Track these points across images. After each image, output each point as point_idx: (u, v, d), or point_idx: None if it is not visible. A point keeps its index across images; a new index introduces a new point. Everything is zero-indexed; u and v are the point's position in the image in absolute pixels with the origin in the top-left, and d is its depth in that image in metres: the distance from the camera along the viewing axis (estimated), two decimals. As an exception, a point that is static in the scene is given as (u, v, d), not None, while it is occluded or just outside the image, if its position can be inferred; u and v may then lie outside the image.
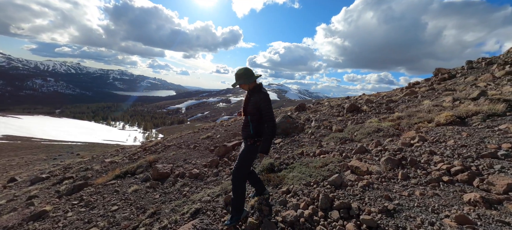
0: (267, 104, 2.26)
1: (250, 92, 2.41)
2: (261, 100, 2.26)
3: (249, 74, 2.35)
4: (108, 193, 4.37)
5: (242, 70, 2.37)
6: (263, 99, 2.27)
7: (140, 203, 3.71)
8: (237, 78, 2.38)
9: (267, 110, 2.26)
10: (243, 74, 2.35)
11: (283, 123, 6.20)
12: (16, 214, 4.28)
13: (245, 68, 2.40)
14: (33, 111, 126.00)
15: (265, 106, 2.25)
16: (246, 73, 2.35)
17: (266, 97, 2.29)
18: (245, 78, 2.34)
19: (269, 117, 2.25)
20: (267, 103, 2.27)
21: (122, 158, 7.55)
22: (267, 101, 2.27)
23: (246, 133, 2.43)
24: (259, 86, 2.38)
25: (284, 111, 9.01)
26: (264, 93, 2.32)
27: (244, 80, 2.35)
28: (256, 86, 2.39)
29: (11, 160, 17.69)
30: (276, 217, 2.46)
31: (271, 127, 2.25)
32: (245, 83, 2.37)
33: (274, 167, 4.04)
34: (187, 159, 5.58)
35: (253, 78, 2.36)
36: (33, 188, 6.70)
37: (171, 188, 4.11)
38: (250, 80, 2.35)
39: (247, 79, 2.35)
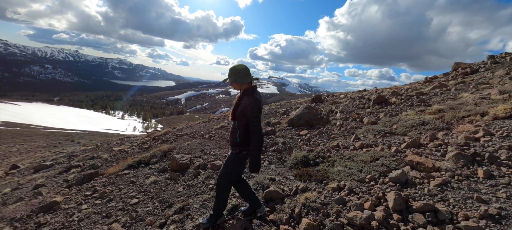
0: (254, 113, 1.93)
1: (242, 93, 2.09)
2: (249, 106, 1.94)
3: (243, 73, 2.03)
4: (124, 184, 3.99)
5: (237, 67, 2.05)
6: (251, 105, 1.94)
7: (163, 196, 3.33)
8: (230, 74, 2.06)
9: (253, 120, 1.94)
10: (236, 71, 2.03)
11: (306, 114, 5.79)
12: (23, 204, 3.90)
13: (242, 65, 2.07)
14: (32, 98, 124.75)
15: (252, 114, 1.93)
16: (241, 71, 2.03)
17: (255, 104, 1.96)
18: (238, 76, 2.02)
19: (255, 127, 1.95)
20: (254, 111, 1.94)
21: (131, 147, 7.16)
22: (255, 109, 1.94)
23: (232, 140, 2.16)
24: (251, 89, 2.06)
25: (304, 102, 8.58)
26: (255, 99, 1.98)
27: (236, 78, 2.03)
28: (248, 89, 2.06)
29: (11, 146, 17.29)
30: (340, 219, 2.08)
31: (257, 140, 1.96)
32: (236, 82, 2.04)
33: (309, 160, 3.66)
34: (204, 150, 5.19)
35: (247, 79, 2.03)
36: (38, 176, 6.32)
37: (194, 180, 3.73)
38: (243, 79, 2.03)
39: (239, 78, 2.02)
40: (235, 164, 2.16)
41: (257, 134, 1.95)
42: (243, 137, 2.06)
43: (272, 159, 4.10)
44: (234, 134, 2.13)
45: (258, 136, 1.95)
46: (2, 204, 4.12)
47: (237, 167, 2.19)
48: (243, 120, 2.02)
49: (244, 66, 2.07)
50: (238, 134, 2.07)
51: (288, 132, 5.35)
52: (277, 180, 3.16)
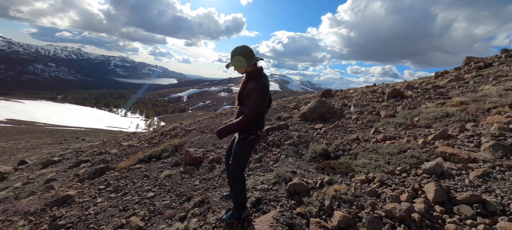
0: (256, 96, 1.81)
1: (247, 77, 1.97)
2: (253, 89, 1.82)
3: (247, 55, 1.89)
4: (137, 178, 3.90)
5: (239, 48, 1.90)
6: (255, 89, 1.82)
7: (179, 190, 3.23)
8: (232, 57, 1.91)
9: (252, 102, 1.82)
10: (240, 54, 1.87)
11: (319, 108, 5.65)
12: (36, 198, 3.83)
13: (243, 46, 1.92)
14: (36, 96, 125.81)
15: (253, 96, 1.82)
16: (244, 52, 1.88)
17: (260, 88, 1.83)
18: (242, 60, 1.87)
19: (250, 109, 1.82)
20: (257, 94, 1.81)
21: (140, 142, 7.09)
22: (258, 93, 1.81)
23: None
24: (258, 71, 1.93)
25: (313, 97, 8.43)
26: (260, 83, 1.85)
27: (239, 63, 1.88)
28: (254, 71, 1.93)
29: (17, 143, 17.41)
30: (377, 211, 1.96)
31: (244, 122, 1.84)
32: (241, 66, 1.90)
33: (329, 153, 3.53)
34: (216, 144, 5.08)
35: (252, 60, 1.89)
36: (47, 171, 6.28)
37: (210, 174, 3.63)
38: (248, 62, 1.88)
39: (243, 61, 1.88)
40: (243, 149, 2.04)
41: (248, 117, 1.83)
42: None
43: (288, 152, 3.98)
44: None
45: (248, 118, 1.83)
46: (15, 198, 4.06)
47: (246, 152, 2.07)
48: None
49: (246, 47, 1.91)
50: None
51: (302, 126, 5.22)
52: (299, 173, 3.05)
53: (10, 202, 3.92)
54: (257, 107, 1.83)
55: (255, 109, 1.83)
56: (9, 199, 4.05)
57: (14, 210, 3.49)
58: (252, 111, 1.82)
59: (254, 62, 1.91)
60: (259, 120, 1.97)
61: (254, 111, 1.83)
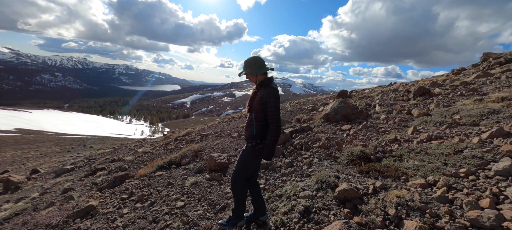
0: (274, 102, 1.90)
1: (258, 85, 2.05)
2: (269, 95, 1.91)
3: (259, 64, 2.01)
4: (161, 186, 3.69)
5: (252, 58, 2.03)
6: (271, 94, 1.91)
7: (210, 198, 3.00)
8: (245, 66, 2.05)
9: (273, 109, 1.90)
10: (252, 62, 2.01)
11: (342, 109, 5.41)
12: (56, 209, 3.64)
13: (256, 56, 2.06)
14: (43, 105, 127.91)
15: (271, 103, 1.90)
16: (256, 62, 2.00)
17: (274, 93, 1.93)
18: (254, 68, 2.00)
19: (274, 117, 1.91)
20: (274, 100, 1.91)
21: (154, 148, 6.91)
22: (274, 98, 1.91)
23: (248, 133, 2.10)
24: (269, 80, 2.02)
25: (328, 98, 8.18)
26: (273, 89, 1.95)
27: (252, 69, 2.00)
28: (265, 80, 2.02)
29: (26, 152, 17.46)
30: (458, 220, 1.70)
31: (275, 129, 1.92)
32: (253, 74, 2.01)
33: (369, 156, 3.28)
34: (238, 148, 4.86)
35: (263, 69, 2.01)
36: (62, 179, 6.12)
37: (239, 180, 3.40)
38: (259, 70, 2.00)
39: (255, 69, 1.99)
40: (251, 158, 2.06)
41: (276, 124, 1.90)
42: (260, 130, 2.00)
43: (320, 155, 3.73)
44: (251, 127, 2.05)
45: (276, 126, 1.90)
46: (33, 209, 3.88)
47: (253, 161, 2.08)
48: (260, 112, 1.96)
49: (258, 57, 2.03)
50: (255, 127, 2.00)
51: (327, 127, 4.97)
52: (342, 177, 2.80)
53: (29, 213, 3.74)
54: (278, 111, 1.91)
55: (277, 114, 1.90)
56: (27, 210, 3.87)
57: (34, 223, 3.30)
58: (276, 117, 1.89)
59: (264, 71, 2.01)
60: (266, 130, 1.99)
61: (277, 116, 1.90)
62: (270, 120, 1.90)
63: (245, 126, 2.13)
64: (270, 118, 1.90)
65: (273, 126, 1.90)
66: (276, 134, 1.92)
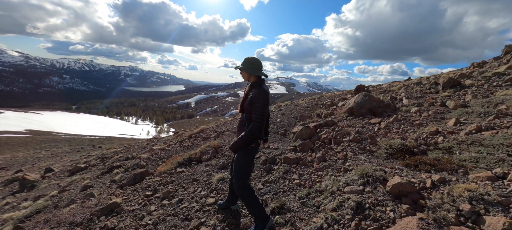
0: (261, 101, 1.93)
1: (250, 86, 2.11)
2: (257, 95, 1.94)
3: (257, 66, 2.06)
4: (186, 183, 3.51)
5: (253, 58, 2.09)
6: (259, 94, 1.94)
7: (242, 195, 2.81)
8: (244, 62, 2.10)
9: (259, 108, 1.92)
10: (252, 61, 2.06)
11: (367, 102, 5.15)
12: (78, 206, 3.51)
13: (256, 58, 2.10)
14: (52, 107, 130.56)
15: (258, 102, 1.92)
16: (255, 63, 2.06)
17: (263, 94, 1.95)
18: (251, 67, 2.05)
19: (257, 115, 1.92)
20: (262, 100, 1.93)
21: (170, 146, 6.77)
22: (262, 99, 1.93)
23: (240, 133, 2.10)
24: (260, 81, 2.06)
25: (344, 94, 7.90)
26: (262, 89, 1.99)
27: (248, 68, 2.05)
28: (257, 81, 2.07)
29: (38, 152, 17.68)
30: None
31: (255, 128, 1.92)
32: (248, 72, 2.06)
33: (411, 148, 3.03)
34: (260, 144, 4.65)
35: (257, 72, 2.05)
36: (77, 178, 6.04)
37: (270, 176, 3.20)
38: (255, 72, 2.04)
39: (252, 69, 2.04)
40: (245, 159, 2.04)
41: (258, 123, 1.90)
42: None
43: (354, 149, 3.50)
44: (242, 128, 2.07)
45: (258, 125, 1.90)
46: (54, 207, 3.77)
47: (248, 161, 2.06)
48: (251, 113, 1.96)
49: (259, 60, 2.08)
50: (247, 127, 1.98)
51: (354, 121, 4.73)
52: (389, 171, 2.56)
53: (51, 211, 3.62)
54: (264, 111, 1.91)
55: (262, 113, 1.90)
56: (48, 208, 3.76)
57: (57, 221, 3.17)
58: (260, 116, 1.90)
59: (259, 74, 2.04)
60: (261, 130, 1.98)
61: (262, 115, 1.91)
62: (254, 117, 1.91)
63: (237, 126, 2.13)
64: (254, 116, 1.91)
65: (255, 124, 1.89)
66: (253, 132, 1.90)
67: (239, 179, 2.05)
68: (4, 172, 11.18)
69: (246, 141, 1.93)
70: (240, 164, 2.04)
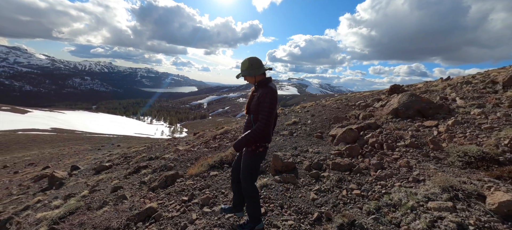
0: (269, 101, 1.82)
1: (256, 86, 2.01)
2: (264, 95, 1.84)
3: (256, 65, 1.95)
4: (224, 188, 3.23)
5: (248, 59, 1.98)
6: (267, 94, 1.84)
7: (296, 205, 2.46)
8: (243, 68, 1.99)
9: (266, 108, 1.82)
10: (250, 63, 1.96)
11: (415, 103, 4.63)
12: (111, 210, 3.34)
13: (253, 57, 2.00)
14: (74, 106, 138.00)
15: (265, 102, 1.82)
16: (253, 63, 1.95)
17: (271, 93, 1.85)
18: (251, 69, 1.95)
19: (264, 116, 1.82)
20: (269, 100, 1.82)
21: (196, 147, 6.59)
22: (270, 98, 1.83)
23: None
24: (266, 80, 1.97)
25: (378, 94, 7.35)
26: (270, 88, 1.88)
27: (249, 71, 1.96)
28: (263, 80, 1.97)
29: (62, 149, 18.45)
30: None
31: (261, 129, 1.81)
32: (250, 75, 1.96)
33: (494, 157, 2.54)
34: (297, 147, 4.30)
35: (260, 70, 1.95)
36: (104, 177, 6.00)
37: (321, 184, 2.83)
38: (257, 71, 1.95)
39: (253, 70, 1.95)
40: (253, 162, 1.97)
41: (264, 123, 1.80)
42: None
43: (416, 156, 3.05)
44: (249, 129, 1.92)
45: (264, 125, 1.80)
46: (87, 208, 3.64)
47: (255, 165, 2.00)
48: (259, 113, 1.86)
49: (255, 58, 1.98)
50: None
51: (402, 123, 4.24)
52: (479, 184, 2.11)
53: (84, 213, 3.48)
54: (271, 111, 1.82)
55: (269, 113, 1.81)
56: (81, 209, 3.63)
57: (92, 225, 3.00)
58: (266, 116, 1.80)
59: (262, 71, 1.94)
60: (268, 131, 1.89)
61: (269, 115, 1.81)
62: (260, 117, 1.82)
63: (244, 128, 2.03)
64: (261, 116, 1.82)
65: (260, 125, 1.80)
66: (259, 131, 1.80)
67: (248, 183, 1.98)
68: (32, 168, 11.65)
69: (250, 141, 1.84)
70: (247, 166, 1.96)
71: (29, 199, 5.82)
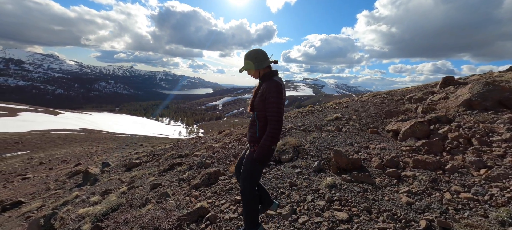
0: (275, 95, 1.58)
1: (261, 80, 1.76)
2: (269, 89, 1.60)
3: (261, 57, 1.72)
4: (283, 188, 2.81)
5: (252, 51, 1.74)
6: (271, 87, 1.60)
7: (388, 210, 1.97)
8: (246, 61, 1.74)
9: (273, 103, 1.58)
10: (253, 56, 1.71)
11: (494, 93, 3.90)
12: (156, 208, 3.07)
13: (257, 48, 1.76)
14: (100, 108, 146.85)
15: (271, 97, 1.58)
16: (258, 55, 1.71)
17: (276, 87, 1.60)
18: (255, 62, 1.70)
19: (274, 113, 1.58)
20: (275, 94, 1.58)
21: (230, 143, 6.28)
22: (276, 92, 1.59)
23: (251, 135, 1.81)
24: (272, 73, 1.73)
25: (424, 88, 6.54)
26: (274, 81, 1.64)
27: (252, 64, 1.71)
28: (268, 73, 1.73)
29: (90, 148, 19.27)
30: None
31: (274, 127, 1.59)
32: (254, 68, 1.72)
33: None
34: (354, 143, 3.76)
35: (265, 63, 1.72)
36: (137, 173, 5.86)
37: (408, 185, 2.30)
38: (261, 64, 1.71)
39: (257, 63, 1.71)
40: (256, 164, 1.73)
41: (276, 122, 1.58)
42: (263, 131, 1.69)
43: (529, 153, 2.40)
44: (253, 128, 1.79)
45: (276, 123, 1.58)
46: (130, 205, 3.41)
47: (258, 167, 1.77)
48: (263, 110, 1.66)
49: (260, 50, 1.76)
50: (258, 127, 1.72)
51: (483, 116, 3.55)
52: None
53: (127, 210, 3.25)
54: (280, 106, 1.60)
55: (279, 109, 1.59)
56: (124, 206, 3.42)
57: (139, 223, 2.73)
58: (276, 113, 1.59)
59: (267, 64, 1.75)
60: (280, 131, 1.65)
61: (279, 112, 1.59)
62: (269, 115, 1.61)
63: (248, 127, 1.88)
64: (269, 113, 1.61)
65: (273, 123, 1.60)
66: (274, 133, 1.61)
67: (247, 183, 1.80)
68: (65, 165, 12.15)
69: (270, 146, 1.63)
70: (251, 168, 1.76)
71: (67, 194, 5.85)
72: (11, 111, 48.90)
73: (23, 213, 4.86)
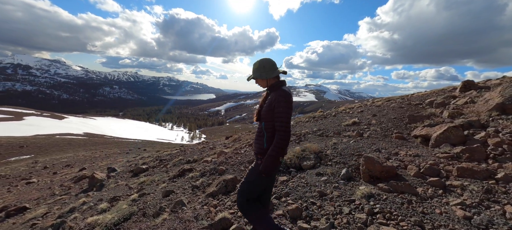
0: (283, 105, 1.55)
1: (268, 90, 1.75)
2: (277, 100, 1.57)
3: (269, 67, 1.70)
4: (313, 197, 2.57)
5: (261, 60, 1.73)
6: (280, 97, 1.57)
7: (444, 224, 1.73)
8: (254, 70, 1.75)
9: (282, 114, 1.55)
10: (262, 65, 1.71)
11: (529, 95, 3.65)
12: (172, 218, 2.84)
13: (266, 58, 1.74)
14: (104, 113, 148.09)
15: (280, 107, 1.55)
16: (266, 64, 1.71)
17: (284, 96, 1.58)
18: (263, 71, 1.70)
19: (282, 123, 1.55)
20: (284, 104, 1.55)
21: (242, 149, 6.05)
22: (284, 102, 1.56)
23: (258, 146, 1.73)
24: (280, 83, 1.70)
25: (441, 92, 6.29)
26: (283, 91, 1.61)
27: (261, 73, 1.71)
28: (276, 83, 1.71)
29: (94, 152, 19.17)
30: None
31: (282, 140, 1.55)
32: (262, 78, 1.71)
33: None
34: (381, 150, 3.52)
35: (274, 73, 1.70)
36: (144, 179, 5.65)
37: (457, 196, 2.06)
38: (269, 74, 1.70)
39: (265, 72, 1.70)
40: (260, 179, 1.67)
41: (284, 132, 1.55)
42: (271, 142, 1.63)
43: None
44: (260, 139, 1.71)
45: (284, 134, 1.55)
46: (143, 215, 3.19)
47: (260, 180, 1.69)
48: (271, 121, 1.62)
49: (269, 59, 1.74)
50: (266, 138, 1.66)
51: (523, 121, 3.29)
52: None
53: (141, 220, 3.03)
54: (288, 116, 1.58)
55: (287, 119, 1.57)
56: (137, 216, 3.20)
57: (155, 236, 2.51)
58: (285, 123, 1.55)
59: (276, 74, 1.72)
60: (288, 142, 1.62)
61: (288, 122, 1.56)
62: (277, 125, 1.55)
63: (255, 138, 1.81)
64: (278, 123, 1.55)
65: (281, 135, 1.54)
66: (282, 143, 1.55)
67: (244, 195, 1.73)
68: (69, 169, 11.99)
69: (277, 158, 1.57)
70: (251, 181, 1.70)
71: (73, 200, 5.64)
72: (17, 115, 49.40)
73: (28, 220, 4.65)
